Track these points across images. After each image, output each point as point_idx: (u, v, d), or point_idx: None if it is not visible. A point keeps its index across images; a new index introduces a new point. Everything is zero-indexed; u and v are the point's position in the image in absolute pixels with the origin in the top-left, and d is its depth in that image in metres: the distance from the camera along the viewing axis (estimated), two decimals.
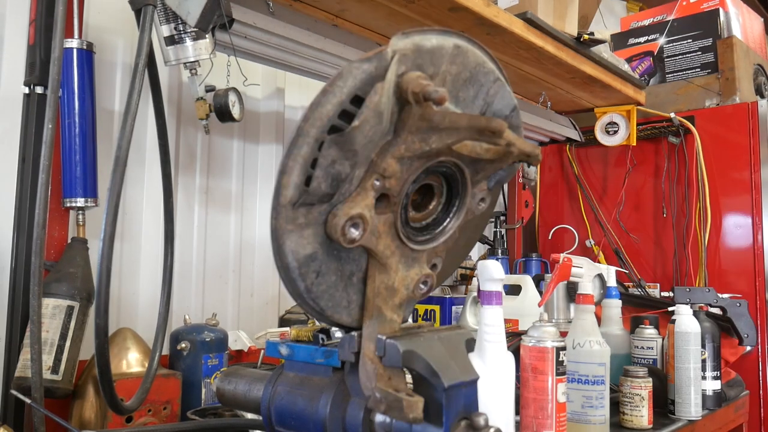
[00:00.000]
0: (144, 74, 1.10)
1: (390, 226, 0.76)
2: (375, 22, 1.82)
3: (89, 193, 1.40)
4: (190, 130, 1.86)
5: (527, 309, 1.95)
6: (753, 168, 2.41)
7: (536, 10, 1.98)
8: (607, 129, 2.63)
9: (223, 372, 0.94)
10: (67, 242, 1.40)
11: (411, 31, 0.71)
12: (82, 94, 1.39)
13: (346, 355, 0.76)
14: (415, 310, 2.01)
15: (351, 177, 0.70)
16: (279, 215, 0.68)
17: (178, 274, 1.78)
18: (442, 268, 0.85)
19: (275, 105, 2.12)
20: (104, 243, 0.96)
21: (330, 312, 0.75)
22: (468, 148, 0.78)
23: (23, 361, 1.22)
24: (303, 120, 0.67)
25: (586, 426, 1.36)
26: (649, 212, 2.70)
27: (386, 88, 0.67)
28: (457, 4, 1.66)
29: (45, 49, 1.33)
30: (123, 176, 1.02)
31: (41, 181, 1.12)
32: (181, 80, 1.82)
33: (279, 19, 1.53)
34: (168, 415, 1.37)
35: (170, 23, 1.36)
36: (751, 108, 2.45)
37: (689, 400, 1.60)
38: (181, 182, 1.83)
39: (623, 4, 3.88)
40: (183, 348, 1.48)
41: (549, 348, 1.24)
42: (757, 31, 3.00)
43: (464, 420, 0.72)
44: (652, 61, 2.88)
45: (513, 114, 0.84)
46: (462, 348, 0.79)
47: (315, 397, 0.78)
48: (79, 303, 1.30)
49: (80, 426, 1.30)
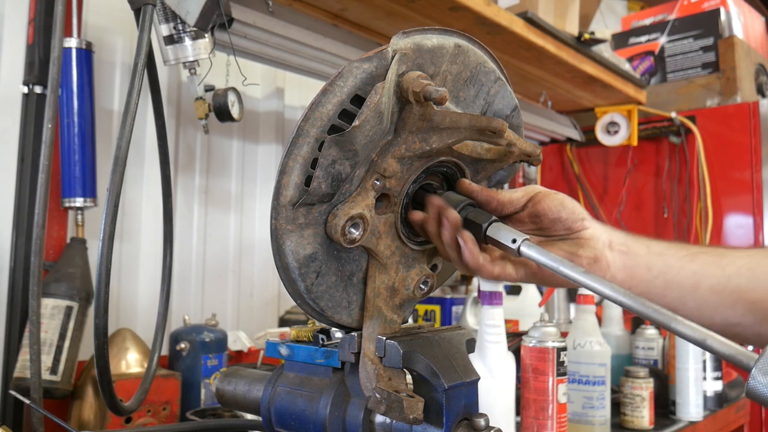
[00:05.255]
0: (143, 74, 1.09)
1: (390, 226, 0.76)
2: (375, 22, 1.82)
3: (88, 193, 1.40)
4: (190, 130, 1.86)
5: (528, 309, 1.95)
6: (754, 168, 2.41)
7: (537, 10, 1.97)
8: (608, 129, 2.62)
9: (222, 372, 0.93)
10: (66, 242, 1.39)
11: (411, 31, 0.71)
12: (81, 93, 1.39)
13: (346, 355, 0.76)
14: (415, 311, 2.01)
15: (351, 177, 0.70)
16: (279, 215, 0.67)
17: (177, 275, 1.78)
18: (442, 269, 0.85)
19: (275, 105, 2.11)
20: (103, 243, 0.96)
21: (330, 312, 0.75)
22: (469, 148, 0.78)
23: (22, 361, 1.22)
24: (303, 119, 0.66)
25: (587, 426, 1.36)
26: (650, 212, 2.70)
27: (387, 87, 0.67)
28: (458, 3, 1.66)
29: (44, 48, 1.33)
30: (122, 176, 1.01)
31: (40, 180, 1.12)
32: (181, 80, 1.82)
33: (278, 19, 1.53)
34: (167, 416, 1.37)
35: (169, 23, 1.36)
36: (752, 108, 2.45)
37: (690, 400, 1.60)
38: (181, 182, 1.83)
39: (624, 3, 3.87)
40: (182, 348, 1.47)
41: (550, 348, 1.23)
42: (758, 30, 3.00)
43: (464, 421, 0.72)
44: (653, 60, 2.87)
45: (514, 114, 0.83)
46: (462, 348, 0.78)
47: (315, 398, 0.78)
48: (78, 303, 1.30)
49: (79, 426, 1.30)
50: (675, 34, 2.83)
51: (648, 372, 1.52)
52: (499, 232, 0.73)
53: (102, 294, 0.95)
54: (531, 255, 0.70)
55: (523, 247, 0.71)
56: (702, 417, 1.61)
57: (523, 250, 0.71)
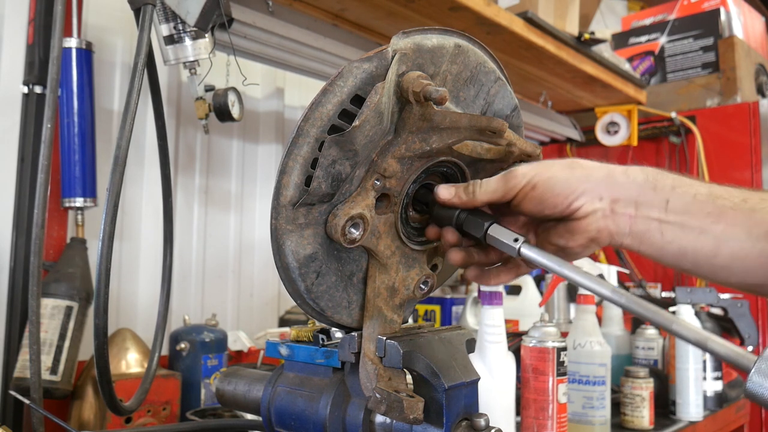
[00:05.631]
0: (143, 74, 1.09)
1: (390, 226, 0.76)
2: (375, 22, 1.82)
3: (88, 192, 1.40)
4: (190, 130, 1.86)
5: (528, 309, 1.95)
6: (754, 168, 2.41)
7: (537, 10, 1.97)
8: (608, 129, 2.62)
9: (222, 372, 0.93)
10: (66, 242, 1.39)
11: (411, 31, 0.71)
12: (81, 93, 1.39)
13: (346, 355, 0.76)
14: (415, 311, 2.00)
15: (351, 177, 0.70)
16: (279, 215, 0.67)
17: (177, 275, 1.78)
18: (442, 269, 0.85)
19: (275, 105, 2.11)
20: (103, 243, 0.96)
21: (330, 312, 0.75)
22: (468, 148, 0.78)
23: (22, 361, 1.21)
24: (303, 119, 0.66)
25: (587, 426, 1.36)
26: None
27: (387, 87, 0.67)
28: (458, 3, 1.66)
29: (44, 48, 1.33)
30: (122, 176, 1.01)
31: (40, 180, 1.12)
32: (181, 80, 1.82)
33: (278, 19, 1.53)
34: (167, 416, 1.37)
35: (169, 22, 1.36)
36: (752, 108, 2.45)
37: (690, 400, 1.60)
38: (181, 182, 1.83)
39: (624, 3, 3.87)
40: (182, 348, 1.47)
41: (550, 348, 1.23)
42: (758, 30, 3.00)
43: (465, 421, 0.72)
44: (653, 60, 2.87)
45: (514, 114, 0.83)
46: (462, 348, 0.78)
47: (315, 398, 0.78)
48: (78, 303, 1.30)
49: (79, 426, 1.30)
50: (675, 34, 2.83)
51: (648, 372, 1.52)
52: (497, 235, 0.73)
53: (102, 294, 0.95)
54: (531, 256, 0.70)
55: (524, 248, 0.71)
56: (702, 417, 1.61)
57: (524, 252, 0.71)
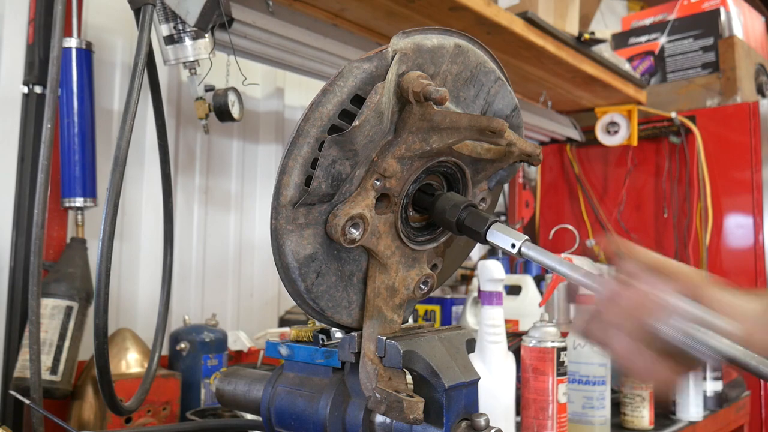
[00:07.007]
0: (143, 74, 1.09)
1: (390, 226, 0.76)
2: (375, 22, 1.82)
3: (88, 193, 1.40)
4: (190, 130, 1.86)
5: (528, 309, 1.95)
6: (754, 168, 2.41)
7: (537, 10, 1.98)
8: (608, 129, 2.62)
9: (222, 372, 0.93)
10: (66, 242, 1.39)
11: (411, 31, 0.71)
12: (81, 93, 1.39)
13: (346, 355, 0.76)
14: (415, 311, 2.00)
15: (351, 177, 0.70)
16: (279, 215, 0.67)
17: (177, 275, 1.78)
18: (442, 269, 0.85)
19: (275, 105, 2.11)
20: (103, 243, 0.96)
21: (330, 312, 0.75)
22: (469, 148, 0.78)
23: (22, 361, 1.21)
24: (303, 119, 0.66)
25: (587, 427, 1.36)
26: (650, 212, 2.70)
27: (387, 87, 0.67)
28: (458, 3, 1.66)
29: (44, 48, 1.33)
30: (122, 176, 1.01)
31: (40, 180, 1.12)
32: (181, 80, 1.82)
33: (278, 19, 1.53)
34: (167, 416, 1.37)
35: (169, 22, 1.36)
36: (752, 108, 2.45)
37: (690, 400, 1.60)
38: (181, 182, 1.83)
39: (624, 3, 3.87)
40: (182, 348, 1.47)
41: (550, 348, 1.23)
42: (758, 30, 3.00)
43: (465, 421, 0.72)
44: (653, 60, 2.87)
45: (514, 114, 0.83)
46: (462, 348, 0.78)
47: (315, 398, 0.78)
48: (78, 303, 1.30)
49: (79, 427, 1.30)
50: (675, 34, 2.83)
51: None
52: (498, 234, 0.73)
53: (102, 294, 0.95)
54: (531, 255, 0.70)
55: (524, 248, 0.71)
56: (702, 417, 1.61)
57: (524, 251, 0.71)
